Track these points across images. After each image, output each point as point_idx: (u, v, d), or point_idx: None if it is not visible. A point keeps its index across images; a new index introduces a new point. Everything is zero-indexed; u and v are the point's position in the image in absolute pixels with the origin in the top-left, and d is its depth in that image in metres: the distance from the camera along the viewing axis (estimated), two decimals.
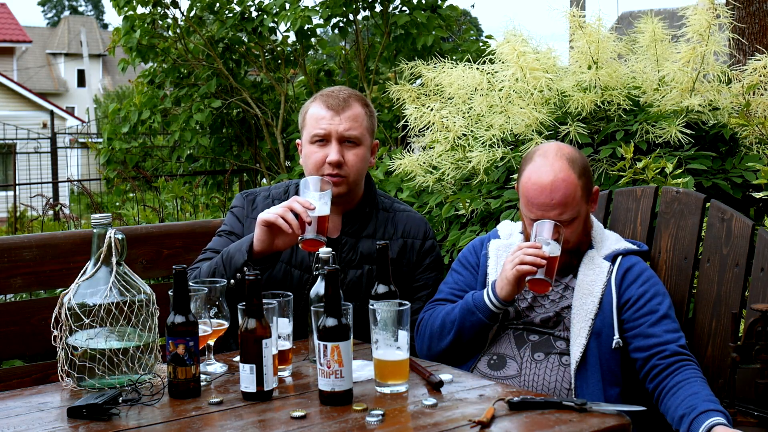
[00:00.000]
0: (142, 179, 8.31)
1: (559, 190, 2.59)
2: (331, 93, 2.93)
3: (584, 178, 2.65)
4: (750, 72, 3.70)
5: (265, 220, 2.65)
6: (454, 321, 2.69)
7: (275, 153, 8.39)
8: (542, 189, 2.60)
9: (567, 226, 2.61)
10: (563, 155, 2.64)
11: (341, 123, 2.87)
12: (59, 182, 14.47)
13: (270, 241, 2.68)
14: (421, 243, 2.99)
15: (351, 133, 2.88)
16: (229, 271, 2.70)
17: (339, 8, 7.63)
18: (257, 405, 2.16)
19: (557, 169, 2.61)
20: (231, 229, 2.98)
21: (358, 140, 2.90)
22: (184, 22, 8.21)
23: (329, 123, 2.87)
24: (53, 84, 39.05)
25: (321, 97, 2.94)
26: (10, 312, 2.96)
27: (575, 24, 3.85)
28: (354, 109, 2.90)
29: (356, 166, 2.89)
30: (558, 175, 2.60)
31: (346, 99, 2.90)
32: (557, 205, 2.59)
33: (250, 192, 3.06)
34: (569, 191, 2.60)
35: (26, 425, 2.06)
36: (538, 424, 2.04)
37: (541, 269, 2.49)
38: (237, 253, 2.71)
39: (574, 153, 2.69)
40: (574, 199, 2.61)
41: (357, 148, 2.89)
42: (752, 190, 3.38)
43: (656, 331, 2.57)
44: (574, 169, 2.62)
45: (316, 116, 2.90)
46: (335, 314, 2.13)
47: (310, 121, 2.91)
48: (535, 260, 2.49)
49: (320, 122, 2.88)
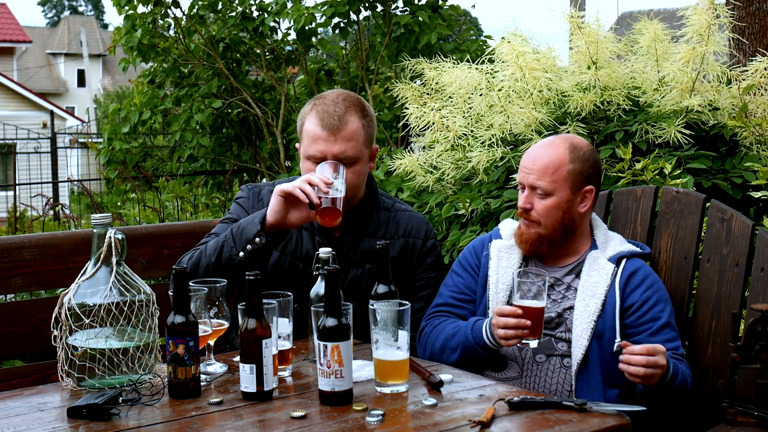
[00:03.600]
0: (142, 179, 8.32)
1: (542, 158, 2.69)
2: (326, 108, 2.83)
3: (578, 165, 2.68)
4: (751, 73, 3.70)
5: (283, 190, 2.66)
6: (455, 348, 2.70)
7: (275, 153, 8.39)
8: (530, 153, 2.74)
9: (539, 198, 2.67)
10: (568, 138, 2.75)
11: (336, 144, 2.81)
12: (59, 182, 14.46)
13: (284, 213, 2.69)
14: (422, 243, 2.98)
15: (347, 154, 2.82)
16: (240, 243, 2.70)
17: (342, 6, 7.63)
18: (257, 405, 2.16)
19: (552, 143, 2.73)
20: (237, 217, 2.97)
21: (354, 159, 2.84)
22: (185, 21, 8.21)
23: (325, 145, 2.81)
24: (53, 84, 39.04)
25: (317, 111, 2.84)
26: (10, 312, 2.96)
27: (575, 24, 3.85)
28: (350, 125, 2.83)
29: (354, 182, 2.85)
30: (549, 147, 2.71)
31: (341, 117, 2.82)
32: (535, 171, 2.68)
33: (254, 185, 3.06)
34: (552, 164, 2.67)
35: (26, 425, 2.06)
36: (538, 424, 2.04)
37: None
38: (249, 225, 2.72)
39: (583, 144, 2.74)
40: (554, 174, 2.66)
41: (354, 165, 2.85)
42: (752, 190, 3.38)
43: (656, 340, 2.57)
44: (571, 152, 2.69)
45: (311, 135, 2.83)
46: (335, 314, 2.13)
47: (306, 139, 2.86)
48: (517, 332, 2.51)
49: (316, 143, 2.82)
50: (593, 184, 2.72)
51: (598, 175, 2.75)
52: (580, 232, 2.75)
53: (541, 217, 2.68)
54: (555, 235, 2.70)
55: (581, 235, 2.76)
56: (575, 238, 2.74)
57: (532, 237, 2.70)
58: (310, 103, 2.92)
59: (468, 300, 2.81)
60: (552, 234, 2.69)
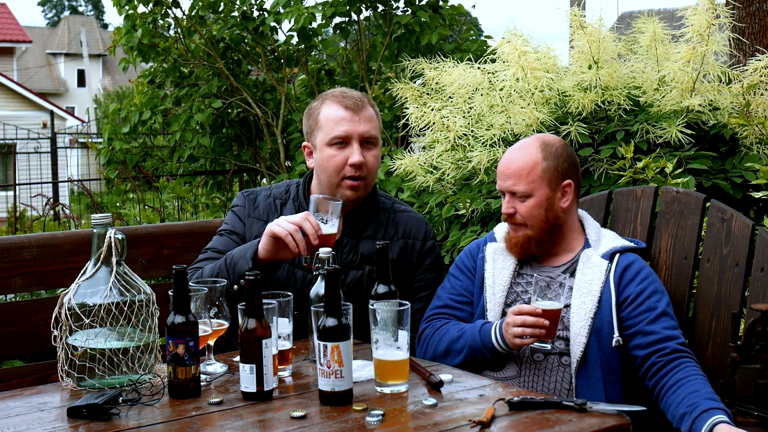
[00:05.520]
0: (142, 179, 8.31)
1: (516, 162, 2.72)
2: (344, 94, 2.89)
3: (551, 162, 2.71)
4: (750, 72, 3.70)
5: (274, 233, 2.65)
6: (460, 351, 2.70)
7: (275, 153, 8.39)
8: (504, 159, 2.77)
9: (520, 201, 2.70)
10: (539, 138, 2.79)
11: (361, 123, 2.85)
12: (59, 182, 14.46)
13: (275, 252, 2.69)
14: (421, 243, 2.98)
15: (371, 133, 2.87)
16: (233, 277, 2.69)
17: (343, 6, 7.64)
18: (257, 405, 2.16)
19: (523, 146, 2.77)
20: (232, 228, 2.97)
21: (376, 140, 2.89)
22: (185, 21, 8.21)
23: (350, 124, 2.84)
24: (53, 84, 39.04)
25: (334, 98, 2.89)
26: (10, 312, 2.96)
27: (576, 24, 3.85)
28: (369, 109, 2.90)
29: (375, 167, 2.89)
30: (521, 150, 2.74)
31: (360, 99, 2.88)
32: (511, 175, 2.72)
33: (251, 191, 3.05)
34: (526, 165, 2.70)
35: (26, 425, 2.06)
36: (538, 424, 2.04)
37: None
38: (241, 260, 2.71)
39: (554, 140, 2.77)
40: (529, 175, 2.69)
41: (375, 148, 2.89)
42: (752, 190, 3.38)
43: (655, 328, 2.57)
44: (543, 150, 2.72)
45: (334, 117, 2.86)
46: (335, 314, 2.13)
47: (327, 123, 2.86)
48: (534, 331, 2.53)
49: (340, 124, 2.84)
50: (571, 178, 2.74)
51: (575, 168, 2.77)
52: (568, 227, 2.75)
53: (526, 219, 2.71)
54: (542, 234, 2.72)
55: (570, 231, 2.76)
56: (563, 234, 2.75)
57: (520, 240, 2.73)
58: (319, 98, 2.95)
59: (466, 302, 2.82)
60: (539, 234, 2.72)
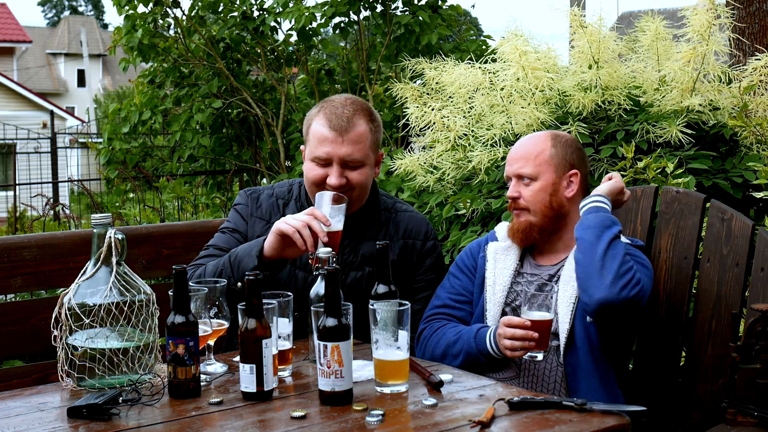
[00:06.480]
0: (142, 179, 8.32)
1: (525, 146, 2.80)
2: (335, 110, 2.83)
3: (560, 149, 2.75)
4: (750, 72, 3.69)
5: (282, 230, 2.63)
6: (457, 355, 2.70)
7: (275, 153, 8.40)
8: (513, 147, 2.84)
9: (525, 186, 2.74)
10: (551, 131, 2.87)
11: (343, 146, 2.80)
12: (59, 182, 14.47)
13: (281, 249, 2.67)
14: (422, 244, 2.98)
15: (353, 157, 2.81)
16: (237, 274, 2.68)
17: (342, 6, 7.64)
18: (257, 405, 2.16)
19: (534, 135, 2.85)
20: (235, 226, 2.96)
21: (361, 162, 2.84)
22: (185, 21, 8.21)
23: (331, 146, 2.80)
24: (53, 84, 39.05)
25: (325, 113, 2.84)
26: (10, 312, 2.96)
27: (576, 24, 3.85)
28: (358, 128, 2.82)
29: (360, 183, 2.85)
30: (531, 138, 2.83)
31: (350, 119, 2.81)
32: (519, 159, 2.78)
33: (253, 189, 3.04)
34: (535, 149, 2.76)
35: (26, 425, 2.06)
36: (538, 424, 2.04)
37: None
38: (246, 257, 2.69)
39: (565, 134, 2.84)
40: (537, 158, 2.74)
41: (360, 168, 2.84)
42: (752, 190, 3.38)
43: None
44: (552, 139, 2.79)
45: (318, 136, 2.83)
46: (335, 314, 2.13)
47: (312, 140, 2.84)
48: (523, 344, 2.53)
49: (323, 144, 2.81)
50: (578, 169, 2.75)
51: (583, 162, 2.80)
52: (570, 221, 2.74)
53: (530, 203, 2.73)
54: (545, 221, 2.73)
55: (571, 224, 2.73)
56: (566, 227, 2.75)
57: (522, 225, 2.75)
58: (318, 105, 2.91)
59: (465, 301, 2.82)
60: (542, 221, 2.73)
